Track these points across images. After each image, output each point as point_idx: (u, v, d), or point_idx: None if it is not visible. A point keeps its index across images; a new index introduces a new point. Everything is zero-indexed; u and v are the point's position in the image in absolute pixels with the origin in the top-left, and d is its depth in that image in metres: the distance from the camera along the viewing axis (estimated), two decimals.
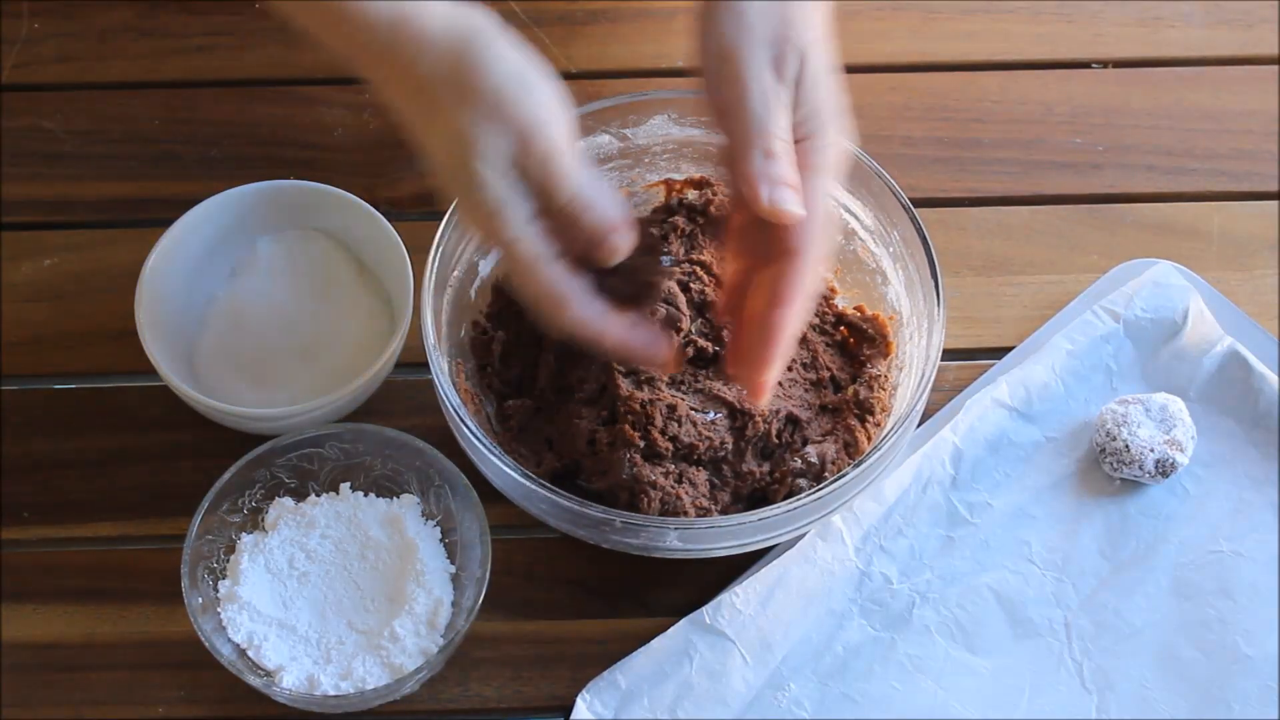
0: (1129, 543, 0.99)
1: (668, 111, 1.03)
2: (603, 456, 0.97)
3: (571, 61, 1.15)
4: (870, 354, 1.02)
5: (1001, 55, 1.17)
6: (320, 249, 1.04)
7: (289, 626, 0.95)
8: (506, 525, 0.99)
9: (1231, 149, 1.13)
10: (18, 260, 1.08)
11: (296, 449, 0.98)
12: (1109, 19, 1.18)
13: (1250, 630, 0.97)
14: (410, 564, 0.96)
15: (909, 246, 0.99)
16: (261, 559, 0.96)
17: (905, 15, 1.18)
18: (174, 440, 1.03)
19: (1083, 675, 0.96)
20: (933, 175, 1.12)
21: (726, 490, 0.98)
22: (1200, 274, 1.07)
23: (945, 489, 1.00)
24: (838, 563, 0.98)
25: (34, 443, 1.03)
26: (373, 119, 1.13)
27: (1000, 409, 1.02)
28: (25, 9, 1.16)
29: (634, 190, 1.07)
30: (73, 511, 1.01)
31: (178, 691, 0.96)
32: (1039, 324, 1.06)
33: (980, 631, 0.97)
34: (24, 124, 1.13)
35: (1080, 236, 1.10)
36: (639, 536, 0.93)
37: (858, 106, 1.14)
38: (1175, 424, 1.00)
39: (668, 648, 0.96)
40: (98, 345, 1.05)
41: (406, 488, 0.99)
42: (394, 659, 0.94)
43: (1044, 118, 1.14)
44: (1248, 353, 1.03)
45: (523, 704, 0.97)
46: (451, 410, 0.94)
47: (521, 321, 1.03)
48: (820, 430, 1.00)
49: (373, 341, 1.01)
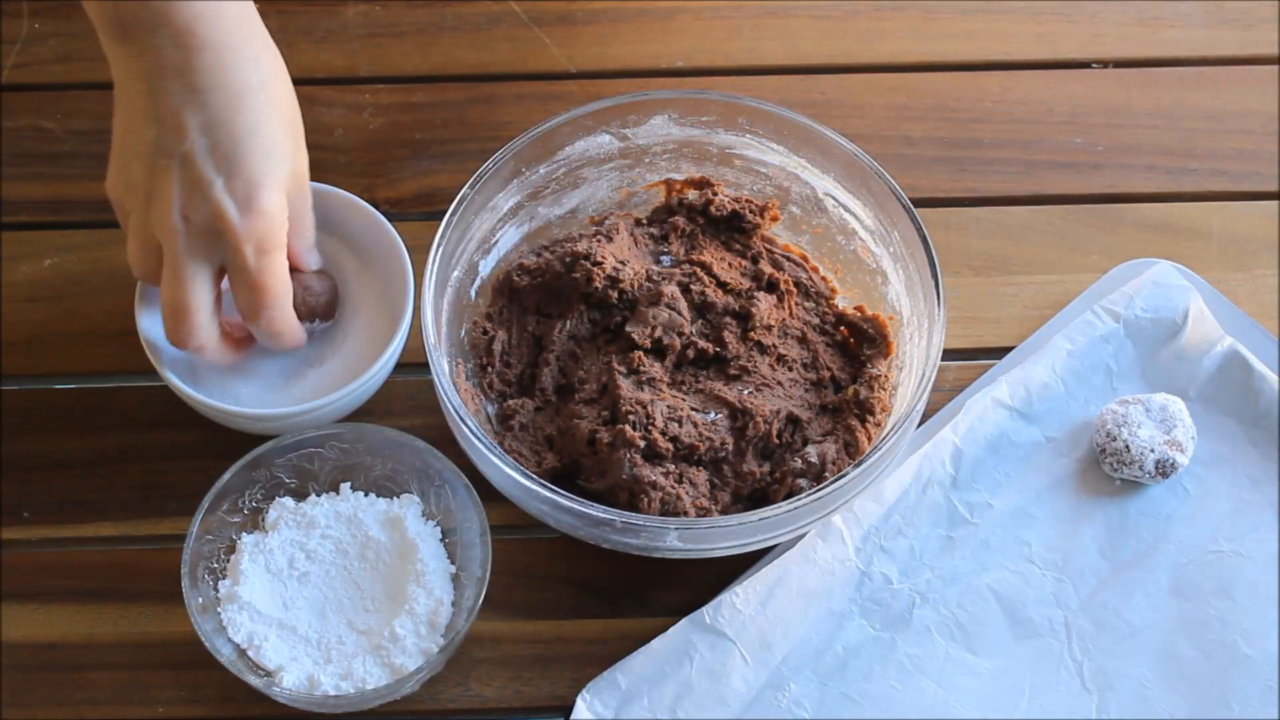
0: (1129, 543, 0.99)
1: (668, 111, 1.03)
2: (603, 456, 0.97)
3: (571, 61, 1.15)
4: (870, 354, 1.02)
5: (1001, 55, 1.17)
6: (320, 249, 1.04)
7: (289, 626, 0.95)
8: (506, 525, 0.99)
9: (1231, 149, 1.13)
10: (17, 260, 1.08)
11: (296, 449, 0.98)
12: (1109, 19, 1.18)
13: (1250, 630, 0.97)
14: (410, 564, 0.96)
15: (909, 246, 0.99)
16: (262, 559, 0.96)
17: (905, 15, 1.18)
18: (174, 440, 1.03)
19: (1083, 675, 0.96)
20: (933, 175, 1.12)
21: (726, 490, 0.98)
22: (1200, 274, 1.07)
23: (945, 489, 1.00)
24: (838, 563, 0.98)
25: (34, 443, 1.03)
26: (373, 119, 1.13)
27: (1000, 409, 1.02)
28: (25, 9, 1.17)
29: (634, 190, 1.07)
30: (73, 511, 1.01)
31: (178, 691, 0.96)
32: (1039, 324, 1.06)
33: (980, 631, 0.97)
34: (24, 124, 1.13)
35: (1080, 236, 1.10)
36: (639, 536, 0.93)
37: (858, 106, 1.15)
38: (1175, 424, 1.00)
39: (668, 648, 0.96)
40: (98, 345, 1.05)
41: (406, 488, 0.99)
42: (394, 659, 0.94)
43: (1044, 118, 1.14)
44: (1248, 353, 1.03)
45: (523, 704, 0.97)
46: (451, 410, 0.94)
47: (522, 321, 1.03)
48: (820, 430, 1.00)
49: (373, 341, 1.01)
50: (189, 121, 0.91)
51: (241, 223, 0.91)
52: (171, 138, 0.91)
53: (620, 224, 1.05)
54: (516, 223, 1.04)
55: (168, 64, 0.90)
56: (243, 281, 0.93)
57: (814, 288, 1.05)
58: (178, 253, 0.92)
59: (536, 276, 1.03)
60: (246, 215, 0.92)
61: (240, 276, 0.93)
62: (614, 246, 1.03)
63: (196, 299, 0.93)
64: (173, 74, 0.91)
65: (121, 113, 0.93)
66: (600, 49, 1.16)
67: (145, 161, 0.92)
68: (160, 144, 0.91)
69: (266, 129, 0.93)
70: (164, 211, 0.92)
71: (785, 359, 1.01)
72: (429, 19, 1.17)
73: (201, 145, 0.91)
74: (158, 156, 0.91)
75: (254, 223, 0.92)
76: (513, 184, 1.02)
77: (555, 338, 1.02)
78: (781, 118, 1.02)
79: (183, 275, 0.93)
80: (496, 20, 1.17)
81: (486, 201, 1.01)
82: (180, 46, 0.90)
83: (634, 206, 1.07)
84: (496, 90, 1.15)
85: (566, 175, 1.05)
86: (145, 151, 0.92)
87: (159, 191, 0.92)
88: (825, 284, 1.05)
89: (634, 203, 1.07)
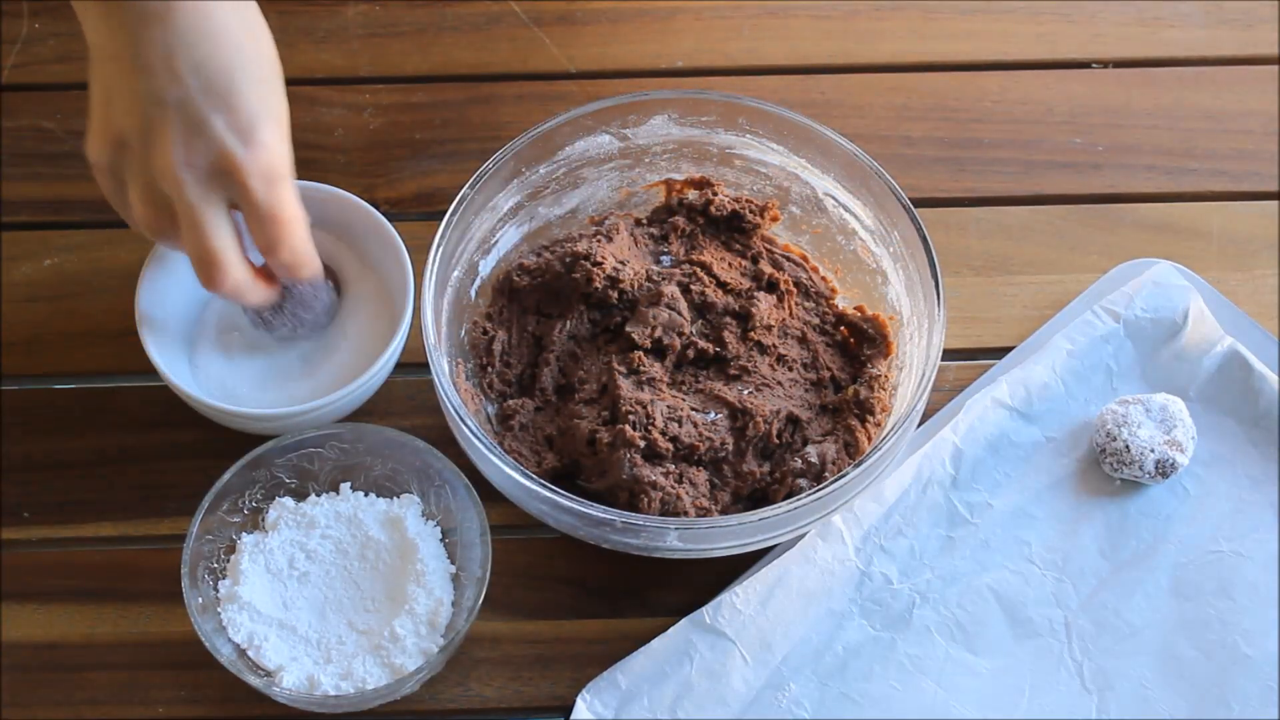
0: (1129, 543, 0.99)
1: (668, 111, 1.03)
2: (603, 456, 0.97)
3: (572, 61, 1.15)
4: (870, 354, 1.02)
5: (1001, 55, 1.17)
6: (320, 249, 1.04)
7: (289, 626, 0.95)
8: (506, 525, 0.99)
9: (1231, 149, 1.13)
10: (18, 260, 1.08)
11: (296, 449, 0.98)
12: (1109, 19, 1.18)
13: (1250, 630, 0.97)
14: (410, 564, 0.96)
15: (909, 246, 0.99)
16: (262, 559, 0.96)
17: (905, 15, 1.18)
18: (174, 440, 1.03)
19: (1083, 675, 0.96)
20: (933, 175, 1.12)
21: (726, 490, 0.98)
22: (1200, 274, 1.07)
23: (945, 489, 1.00)
24: (838, 563, 0.98)
25: (34, 443, 1.03)
26: (373, 119, 1.13)
27: (1000, 409, 1.02)
28: (25, 9, 1.17)
29: (634, 190, 1.07)
30: (73, 511, 1.01)
31: (178, 691, 0.96)
32: (1039, 324, 1.06)
33: (980, 631, 0.97)
34: (24, 124, 1.13)
35: (1080, 236, 1.10)
36: (639, 536, 0.93)
37: (858, 106, 1.15)
38: (1175, 424, 1.00)
39: (668, 648, 0.96)
40: (98, 345, 1.05)
41: (406, 488, 0.99)
42: (394, 659, 0.94)
43: (1044, 118, 1.14)
44: (1248, 353, 1.03)
45: (523, 704, 0.97)
46: (451, 410, 0.94)
47: (522, 321, 1.03)
48: (820, 430, 1.00)
49: (373, 341, 1.01)
50: (180, 65, 0.89)
51: (247, 156, 0.90)
52: (163, 83, 0.89)
53: (620, 224, 1.05)
54: (516, 223, 1.04)
55: (149, 12, 0.88)
56: (256, 215, 0.92)
57: (814, 288, 1.05)
58: (191, 200, 0.90)
59: (536, 276, 1.03)
60: (251, 148, 0.90)
61: (253, 211, 0.91)
62: (614, 246, 1.03)
63: (221, 240, 0.92)
64: (154, 21, 0.88)
65: (101, 70, 0.91)
66: (600, 49, 1.16)
67: (137, 113, 0.90)
68: (151, 92, 0.89)
69: (255, 66, 0.91)
70: (166, 159, 0.89)
71: (785, 359, 1.01)
72: (429, 19, 1.17)
73: (195, 86, 0.89)
74: (150, 105, 0.89)
75: (259, 154, 0.90)
76: (513, 184, 1.02)
77: (555, 338, 1.02)
78: (781, 118, 1.02)
79: (202, 220, 0.91)
80: (496, 20, 1.17)
81: (486, 201, 1.01)
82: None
83: (634, 206, 1.07)
84: (496, 90, 1.15)
85: (566, 175, 1.05)
86: (135, 103, 0.90)
87: (158, 140, 0.90)
88: (825, 284, 1.05)
89: (634, 203, 1.07)
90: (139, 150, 0.91)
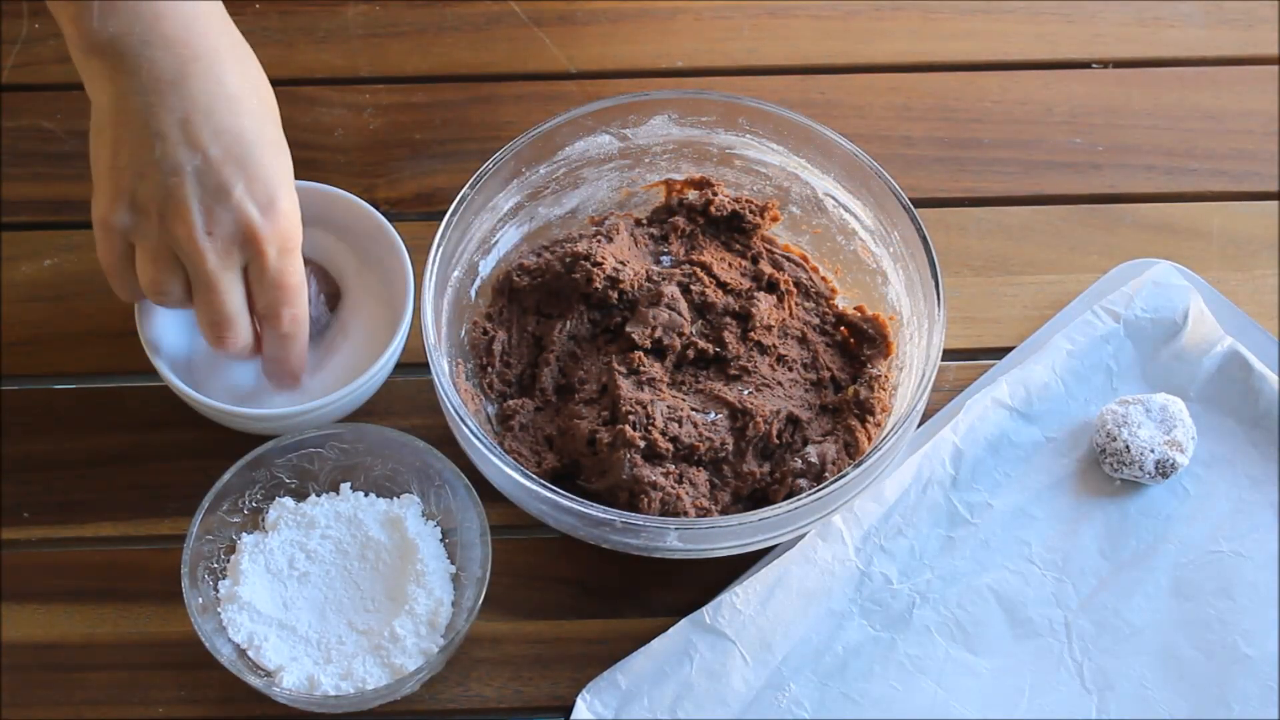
0: (1129, 543, 0.99)
1: (668, 111, 1.03)
2: (603, 456, 0.97)
3: (572, 61, 1.15)
4: (870, 354, 1.02)
5: (1001, 55, 1.17)
6: (320, 249, 1.04)
7: (289, 627, 0.95)
8: (506, 525, 0.99)
9: (1231, 149, 1.13)
10: (18, 260, 1.08)
11: (296, 449, 0.98)
12: (1109, 19, 1.18)
13: (1250, 630, 0.97)
14: (410, 564, 0.96)
15: (909, 246, 0.99)
16: (262, 559, 0.96)
17: (905, 15, 1.18)
18: (174, 440, 1.02)
19: (1083, 675, 0.96)
20: (933, 175, 1.12)
21: (727, 490, 0.98)
22: (1200, 274, 1.07)
23: (945, 489, 1.00)
24: (838, 563, 0.98)
25: (34, 443, 1.02)
26: (373, 119, 1.13)
27: (1000, 409, 1.02)
28: (25, 9, 1.16)
29: (634, 190, 1.07)
30: (73, 511, 1.01)
31: (178, 691, 0.96)
32: (1039, 324, 1.06)
33: (980, 632, 0.97)
34: (24, 124, 1.13)
35: (1080, 236, 1.10)
36: (639, 536, 0.93)
37: (858, 106, 1.15)
38: (1175, 424, 1.00)
39: (668, 648, 0.96)
40: (98, 345, 1.05)
41: (407, 488, 0.99)
42: (394, 659, 0.94)
43: (1044, 118, 1.14)
44: (1248, 353, 1.03)
45: (523, 704, 0.97)
46: (451, 410, 0.94)
47: (522, 322, 1.03)
48: (820, 430, 1.00)
49: (373, 342, 1.01)
50: (197, 133, 0.90)
51: (265, 226, 0.91)
52: (180, 151, 0.89)
53: (620, 224, 1.05)
54: (516, 223, 1.04)
55: (163, 77, 0.89)
56: (265, 282, 0.93)
57: (814, 288, 1.05)
58: (210, 268, 0.91)
59: (536, 276, 1.03)
60: (269, 217, 0.91)
61: (263, 278, 0.93)
62: (614, 247, 1.03)
63: (236, 305, 0.93)
64: (168, 88, 0.89)
65: (109, 133, 0.91)
66: (600, 49, 1.16)
67: (154, 181, 0.90)
68: (168, 159, 0.89)
69: (268, 130, 0.92)
70: (188, 228, 0.90)
71: (785, 359, 1.01)
72: (429, 19, 1.17)
73: (214, 155, 0.90)
74: (168, 174, 0.90)
75: (278, 223, 0.92)
76: (513, 184, 1.02)
77: (555, 338, 1.02)
78: (781, 118, 1.02)
79: (220, 287, 0.92)
80: (496, 20, 1.17)
81: (486, 201, 1.01)
82: (175, 57, 0.89)
83: (634, 206, 1.07)
84: (496, 90, 1.15)
85: (566, 175, 1.05)
86: (152, 170, 0.90)
87: (178, 209, 0.90)
88: (825, 284, 1.05)
89: (634, 203, 1.07)
90: (157, 218, 0.91)
